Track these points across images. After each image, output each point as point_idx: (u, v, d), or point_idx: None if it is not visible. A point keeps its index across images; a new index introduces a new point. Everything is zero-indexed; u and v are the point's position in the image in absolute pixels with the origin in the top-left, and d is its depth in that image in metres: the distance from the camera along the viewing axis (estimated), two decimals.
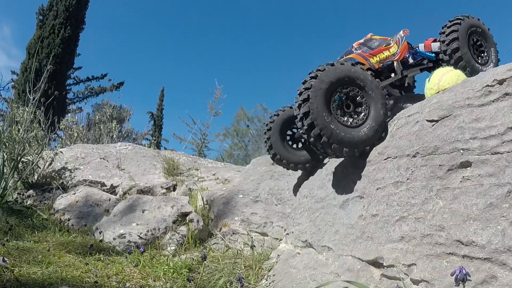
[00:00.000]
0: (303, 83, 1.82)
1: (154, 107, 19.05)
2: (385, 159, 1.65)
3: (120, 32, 38.50)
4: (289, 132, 2.51)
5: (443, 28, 2.27)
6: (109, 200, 3.41)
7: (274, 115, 2.46)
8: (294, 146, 2.52)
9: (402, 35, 2.27)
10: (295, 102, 1.84)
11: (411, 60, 2.34)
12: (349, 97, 1.84)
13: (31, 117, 4.12)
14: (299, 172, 2.72)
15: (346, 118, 1.81)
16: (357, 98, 1.84)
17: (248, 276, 2.00)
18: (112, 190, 3.83)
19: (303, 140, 2.50)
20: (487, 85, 1.44)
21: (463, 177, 1.32)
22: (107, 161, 4.48)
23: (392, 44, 2.24)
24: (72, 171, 4.06)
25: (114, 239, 2.70)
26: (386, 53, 2.18)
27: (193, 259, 2.27)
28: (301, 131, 1.84)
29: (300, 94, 1.80)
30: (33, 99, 4.32)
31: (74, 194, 3.43)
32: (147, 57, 39.37)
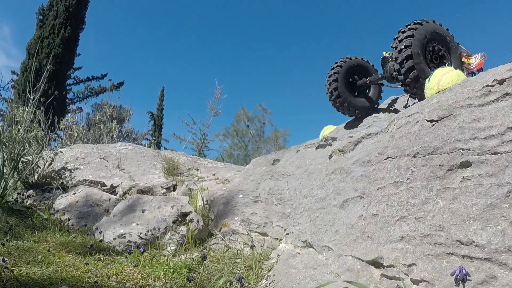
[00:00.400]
0: (403, 32, 2.15)
1: (154, 107, 19.08)
2: (385, 159, 1.65)
3: (120, 32, 38.51)
4: (351, 80, 2.76)
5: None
6: (109, 200, 3.41)
7: (337, 65, 2.69)
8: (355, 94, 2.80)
9: (483, 54, 2.57)
10: (393, 46, 2.17)
11: None
12: (437, 50, 2.21)
13: (31, 117, 4.13)
14: (299, 172, 2.72)
15: (434, 66, 2.13)
16: (443, 53, 2.23)
17: (248, 276, 2.00)
18: (112, 190, 3.83)
19: (360, 89, 2.82)
20: (487, 85, 1.44)
21: (463, 177, 1.32)
22: (107, 161, 4.48)
23: (472, 57, 2.55)
24: (72, 171, 4.06)
25: (114, 239, 2.70)
26: (465, 60, 2.48)
27: (193, 259, 2.27)
28: (397, 74, 2.19)
29: (400, 40, 2.12)
30: (33, 99, 4.33)
31: (74, 194, 3.43)
32: (147, 57, 39.37)
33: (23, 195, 3.67)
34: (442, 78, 1.83)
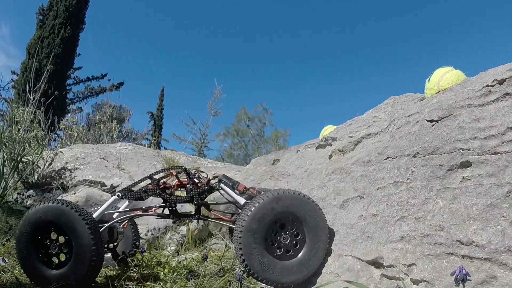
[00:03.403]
0: None
1: (154, 107, 19.09)
2: (385, 159, 1.65)
3: (120, 32, 38.46)
4: None
5: None
6: None
7: None
8: None
9: None
10: None
11: None
12: None
13: (31, 117, 4.13)
14: (299, 172, 2.72)
15: None
16: None
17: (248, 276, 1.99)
18: (112, 190, 3.83)
19: None
20: (487, 85, 1.44)
21: (463, 177, 1.32)
22: (107, 161, 4.48)
23: None
24: (72, 171, 4.06)
25: None
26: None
27: (193, 259, 2.27)
28: None
29: None
30: (33, 99, 4.33)
31: (74, 194, 3.43)
32: (147, 57, 39.35)
33: (23, 195, 3.67)
34: (442, 78, 1.82)
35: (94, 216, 1.65)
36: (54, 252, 1.59)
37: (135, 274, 1.95)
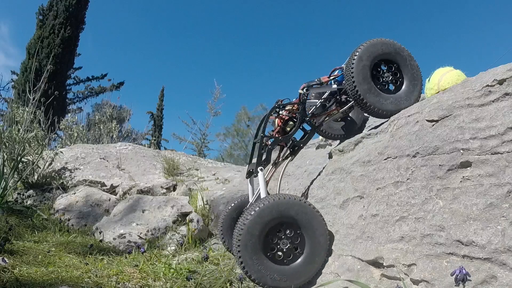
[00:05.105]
0: None
1: (154, 107, 19.08)
2: (385, 159, 1.65)
3: (120, 32, 38.49)
4: None
5: None
6: (109, 200, 3.41)
7: None
8: None
9: None
10: None
11: None
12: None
13: (31, 117, 4.13)
14: (299, 172, 2.72)
15: None
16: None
17: None
18: (112, 190, 3.83)
19: None
20: (487, 85, 1.44)
21: (463, 177, 1.32)
22: (107, 161, 4.48)
23: None
24: (72, 171, 4.06)
25: (114, 239, 2.70)
26: None
27: (193, 259, 2.27)
28: None
29: None
30: (33, 99, 4.33)
31: (74, 194, 3.43)
32: (147, 57, 39.36)
33: (23, 195, 3.67)
34: (442, 78, 1.83)
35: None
36: (284, 248, 1.60)
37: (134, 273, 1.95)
